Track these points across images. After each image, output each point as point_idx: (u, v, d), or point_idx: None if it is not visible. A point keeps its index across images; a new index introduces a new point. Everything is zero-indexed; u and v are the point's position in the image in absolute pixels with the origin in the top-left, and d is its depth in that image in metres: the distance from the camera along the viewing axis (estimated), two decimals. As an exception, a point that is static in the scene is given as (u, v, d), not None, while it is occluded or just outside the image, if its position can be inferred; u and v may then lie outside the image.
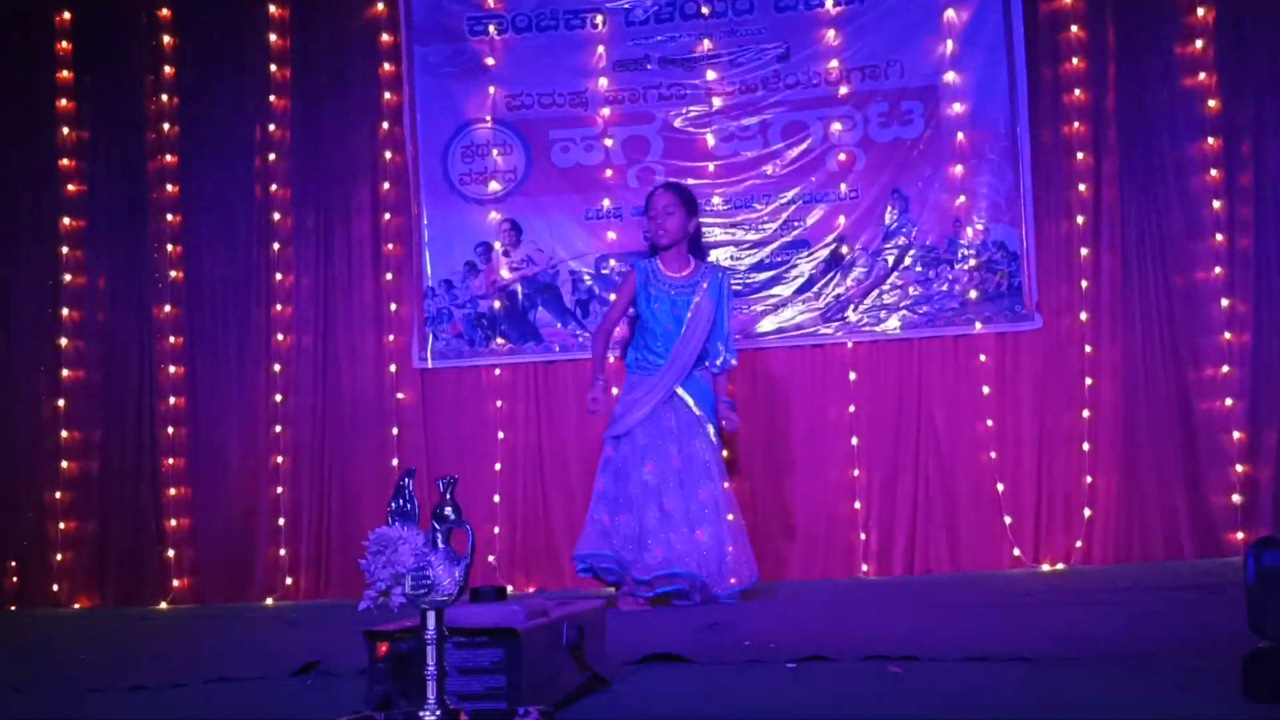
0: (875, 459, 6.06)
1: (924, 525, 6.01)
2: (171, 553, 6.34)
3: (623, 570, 5.01)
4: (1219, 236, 5.90)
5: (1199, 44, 5.94)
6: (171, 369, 6.42)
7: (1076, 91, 6.03)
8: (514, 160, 6.33)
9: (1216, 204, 5.90)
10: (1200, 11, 5.94)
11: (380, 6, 6.44)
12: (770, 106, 6.22)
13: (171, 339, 6.44)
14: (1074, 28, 6.04)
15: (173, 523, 6.35)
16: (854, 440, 6.08)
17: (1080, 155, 6.01)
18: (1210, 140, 5.92)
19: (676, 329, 5.12)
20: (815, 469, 6.11)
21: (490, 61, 6.35)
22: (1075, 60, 6.03)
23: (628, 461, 5.10)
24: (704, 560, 4.98)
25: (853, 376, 6.11)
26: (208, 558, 6.35)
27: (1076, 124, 6.02)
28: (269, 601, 6.22)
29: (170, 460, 6.39)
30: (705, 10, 6.26)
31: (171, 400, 6.41)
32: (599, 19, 6.32)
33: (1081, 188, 6.01)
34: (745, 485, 6.04)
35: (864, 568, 6.01)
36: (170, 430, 6.40)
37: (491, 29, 6.36)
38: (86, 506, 6.42)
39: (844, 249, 6.14)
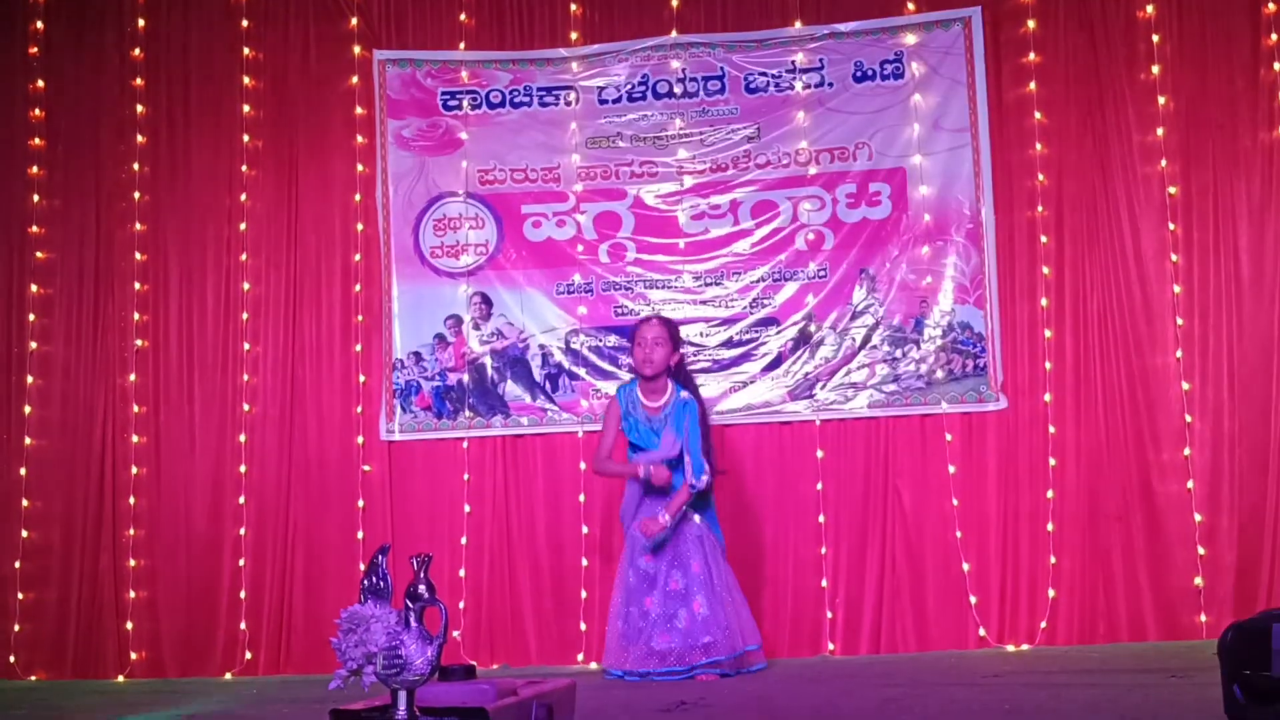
0: (842, 537, 6.08)
1: (890, 604, 6.01)
2: (130, 625, 6.24)
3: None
4: (1179, 320, 5.99)
5: (1159, 131, 6.07)
6: (135, 438, 6.37)
7: (1040, 176, 6.15)
8: (485, 234, 6.37)
9: (1176, 288, 6.01)
10: (1161, 100, 6.09)
11: (355, 80, 6.49)
12: (740, 185, 6.30)
13: (136, 408, 6.39)
14: (1037, 114, 6.17)
15: (132, 594, 6.26)
16: (821, 518, 6.09)
17: (1044, 239, 6.12)
18: (1170, 225, 6.04)
19: (645, 445, 5.44)
20: (782, 546, 6.12)
21: (464, 136, 6.41)
22: (1038, 145, 6.16)
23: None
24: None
25: (820, 454, 6.14)
26: (167, 630, 6.25)
27: (1040, 208, 6.13)
28: (228, 676, 6.13)
29: (132, 530, 6.31)
30: (677, 90, 6.36)
31: (134, 470, 6.35)
32: (572, 96, 6.40)
33: (1045, 270, 6.11)
34: (712, 562, 6.04)
35: (830, 646, 6.00)
36: (132, 500, 6.32)
37: (465, 104, 6.42)
38: (46, 576, 6.32)
39: (812, 327, 6.19)
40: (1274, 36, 6.03)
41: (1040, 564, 5.95)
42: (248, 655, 6.18)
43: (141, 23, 6.59)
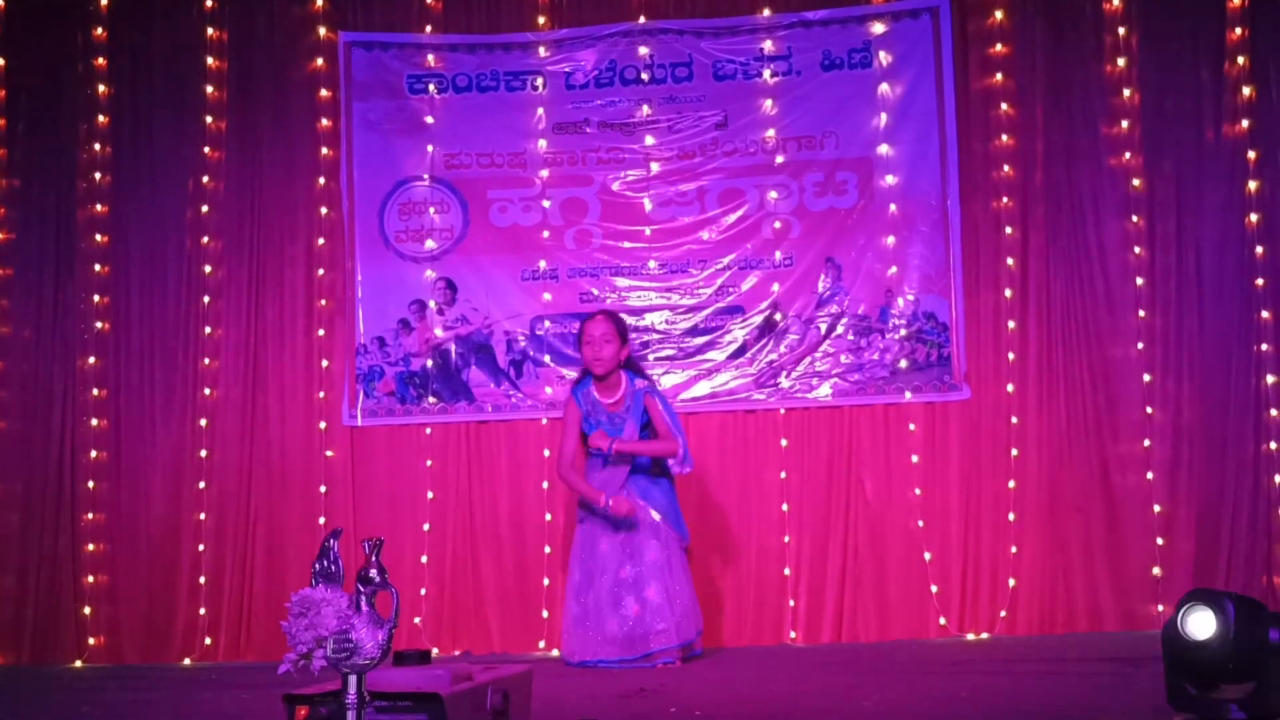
0: (805, 526, 6.09)
1: (852, 592, 6.03)
2: (89, 610, 6.19)
3: None
4: (1141, 313, 6.03)
5: (1124, 124, 6.10)
6: (95, 422, 6.30)
7: (1005, 167, 6.16)
8: (451, 219, 6.34)
9: (1139, 280, 6.04)
10: (1126, 92, 6.11)
11: (320, 62, 6.44)
12: (707, 173, 6.29)
13: (96, 391, 6.32)
14: (1004, 105, 6.18)
15: (91, 579, 6.20)
16: (784, 506, 6.10)
17: (1009, 230, 6.14)
18: (1134, 218, 6.07)
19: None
20: (745, 535, 6.12)
21: (429, 120, 6.37)
22: (1004, 137, 6.17)
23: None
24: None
25: (784, 443, 6.14)
26: (126, 615, 6.20)
27: (1005, 199, 6.15)
28: (187, 662, 6.09)
29: (91, 515, 6.25)
30: (645, 76, 6.34)
31: (94, 454, 6.28)
32: (539, 81, 6.37)
33: (1009, 261, 6.13)
34: (675, 549, 6.05)
35: (792, 634, 6.01)
36: (92, 484, 6.26)
37: (432, 87, 6.38)
38: (3, 561, 6.24)
39: (778, 316, 6.20)
40: (1239, 31, 6.06)
41: (1001, 553, 5.98)
42: (207, 641, 6.14)
43: (104, 1, 6.50)
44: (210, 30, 6.46)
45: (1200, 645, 3.09)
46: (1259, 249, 5.98)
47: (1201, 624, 3.11)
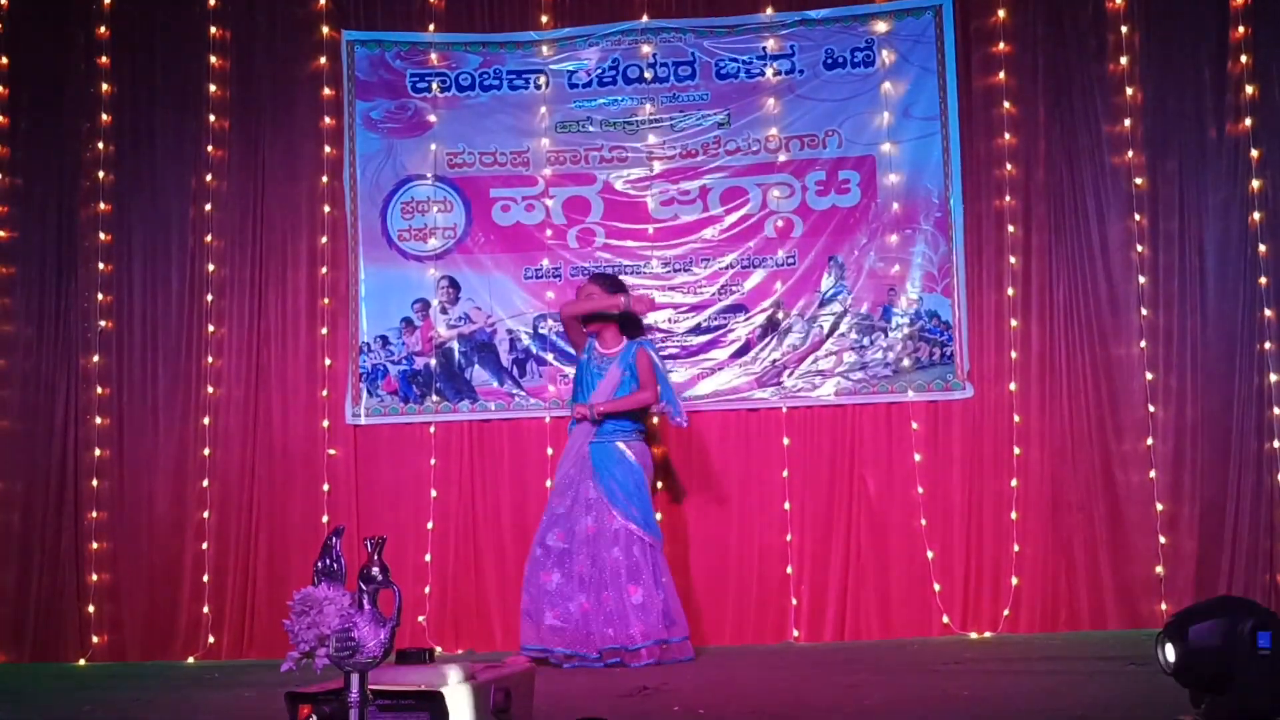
0: (808, 524, 6.09)
1: (855, 591, 6.03)
2: (92, 608, 6.19)
3: None
4: (1143, 311, 6.02)
5: (1127, 123, 6.10)
6: (98, 420, 6.31)
7: (1008, 166, 6.16)
8: (454, 217, 6.34)
9: (1142, 279, 6.04)
10: (1129, 91, 6.11)
11: (323, 60, 6.44)
12: (710, 172, 6.29)
13: (99, 389, 6.33)
14: (1006, 104, 6.18)
15: (94, 577, 6.21)
16: (787, 505, 6.10)
17: (1011, 228, 6.13)
18: (1137, 217, 6.06)
19: (586, 395, 5.50)
20: (748, 533, 6.12)
21: (432, 119, 6.37)
22: (1007, 135, 6.17)
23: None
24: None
25: (787, 441, 6.14)
26: (129, 614, 6.21)
27: (1008, 197, 6.15)
28: (190, 660, 6.09)
29: (94, 513, 6.25)
30: (648, 75, 6.33)
31: (97, 452, 6.29)
32: (542, 80, 6.37)
33: (1012, 260, 6.12)
34: (678, 548, 6.05)
35: (795, 633, 6.01)
36: (95, 482, 6.27)
37: (435, 86, 6.38)
38: (6, 559, 6.25)
39: (780, 314, 6.19)
40: (1241, 29, 6.05)
41: (1004, 552, 5.98)
42: (210, 639, 6.14)
43: (107, 0, 6.51)
44: (213, 29, 6.47)
45: (1172, 668, 3.15)
46: (1261, 247, 5.98)
47: (1169, 653, 3.16)
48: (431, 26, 6.42)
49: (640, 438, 5.50)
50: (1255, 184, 6.00)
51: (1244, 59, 6.04)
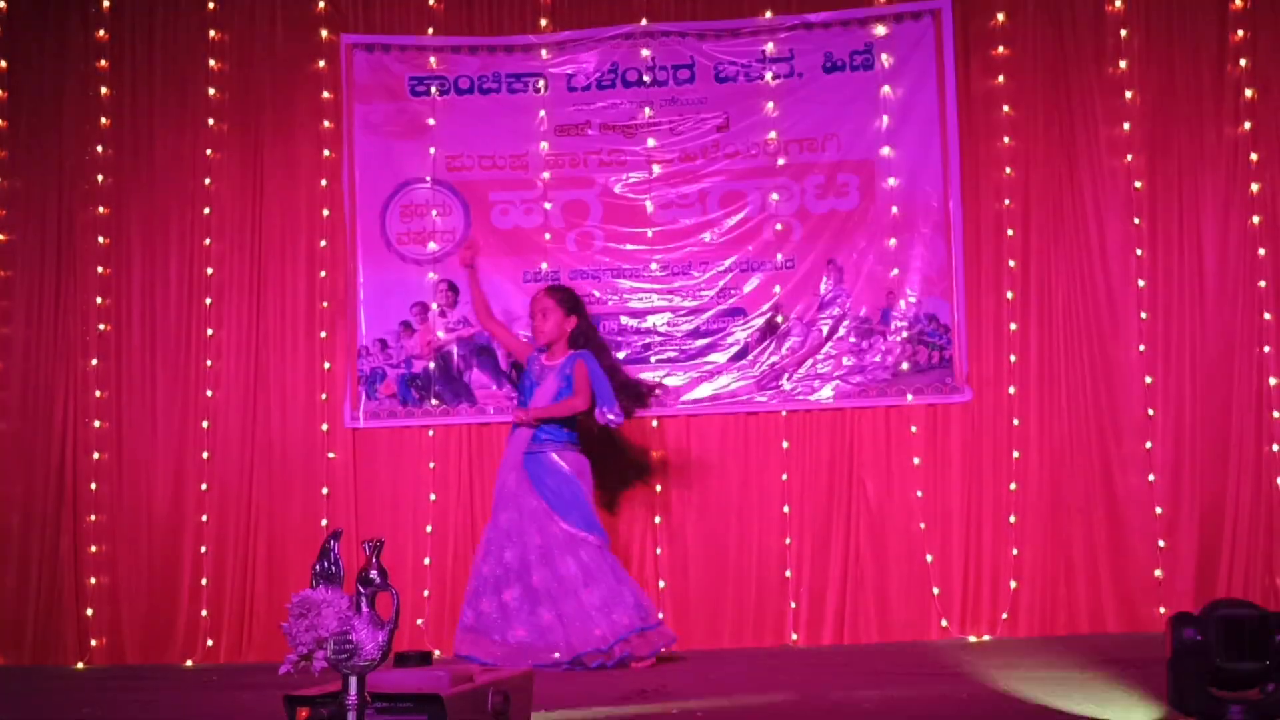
0: (806, 527, 6.08)
1: (854, 594, 6.03)
2: (90, 611, 6.19)
3: None
4: (1143, 314, 6.02)
5: (1126, 126, 6.10)
6: (97, 423, 6.30)
7: (1007, 169, 6.16)
8: (453, 221, 6.34)
9: (1141, 282, 6.04)
10: (1128, 94, 6.11)
11: (321, 64, 6.44)
12: (709, 175, 6.29)
13: (98, 392, 6.32)
14: (1005, 107, 6.18)
15: (93, 580, 6.20)
16: (785, 508, 6.10)
17: (1010, 231, 6.13)
18: (1136, 220, 6.06)
19: (526, 402, 5.57)
20: (746, 536, 6.12)
21: (431, 122, 6.37)
22: (1006, 139, 6.17)
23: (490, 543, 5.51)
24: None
25: (785, 445, 6.14)
26: (128, 616, 6.20)
27: (1007, 201, 6.15)
28: (189, 663, 6.08)
29: (92, 516, 6.25)
30: (647, 78, 6.34)
31: (96, 455, 6.28)
32: (541, 83, 6.37)
33: (1011, 263, 6.12)
34: (676, 550, 6.06)
35: (793, 636, 6.01)
36: (93, 485, 6.26)
37: (433, 89, 6.38)
38: (4, 561, 6.25)
39: (779, 318, 6.19)
40: (1241, 32, 6.06)
41: (1002, 555, 5.98)
42: (209, 642, 6.14)
43: (106, 3, 6.51)
44: (212, 32, 6.47)
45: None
46: (1261, 250, 5.99)
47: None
48: (430, 30, 6.42)
49: (574, 447, 5.54)
50: (1254, 187, 6.01)
51: (1243, 62, 6.05)
